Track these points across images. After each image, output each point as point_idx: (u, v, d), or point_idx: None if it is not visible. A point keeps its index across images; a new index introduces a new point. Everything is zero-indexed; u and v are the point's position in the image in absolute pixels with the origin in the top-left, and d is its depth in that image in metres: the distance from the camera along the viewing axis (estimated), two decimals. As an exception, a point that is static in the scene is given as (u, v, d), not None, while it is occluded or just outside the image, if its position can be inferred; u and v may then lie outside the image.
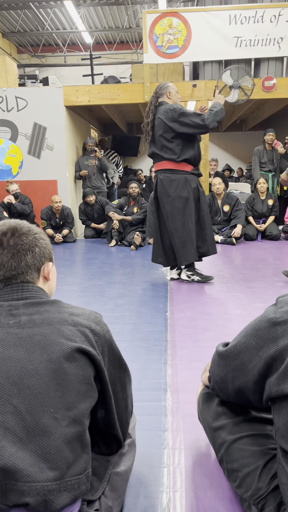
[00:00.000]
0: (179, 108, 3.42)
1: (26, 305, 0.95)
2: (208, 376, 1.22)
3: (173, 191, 3.53)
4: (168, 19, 5.97)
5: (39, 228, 1.07)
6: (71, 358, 0.90)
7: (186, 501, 1.24)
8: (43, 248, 1.03)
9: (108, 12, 10.31)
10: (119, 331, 2.61)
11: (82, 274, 4.28)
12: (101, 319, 1.03)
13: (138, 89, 6.41)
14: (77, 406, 0.89)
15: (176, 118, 3.40)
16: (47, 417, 0.84)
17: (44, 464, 0.81)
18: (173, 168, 3.54)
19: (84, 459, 0.89)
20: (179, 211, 3.55)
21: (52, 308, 0.97)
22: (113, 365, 1.03)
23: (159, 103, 3.56)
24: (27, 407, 0.84)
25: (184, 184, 3.53)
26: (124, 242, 6.00)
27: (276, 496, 0.97)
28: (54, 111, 6.53)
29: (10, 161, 6.74)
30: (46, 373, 0.87)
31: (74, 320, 0.96)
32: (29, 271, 1.00)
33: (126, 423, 1.12)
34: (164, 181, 3.57)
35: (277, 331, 0.92)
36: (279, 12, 5.83)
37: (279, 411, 0.92)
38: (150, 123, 3.57)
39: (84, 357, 0.93)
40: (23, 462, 0.79)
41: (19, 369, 0.86)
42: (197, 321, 2.78)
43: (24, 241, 1.00)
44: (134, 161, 11.03)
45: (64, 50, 11.88)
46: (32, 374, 0.86)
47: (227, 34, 5.94)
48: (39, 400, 0.85)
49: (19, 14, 10.16)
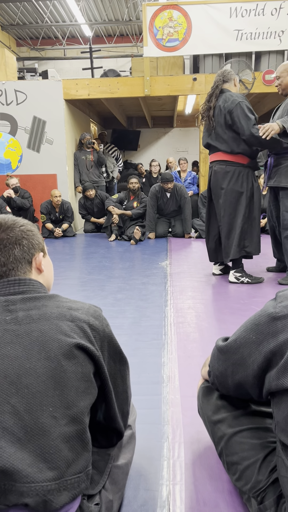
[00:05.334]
0: (238, 100, 3.25)
1: (23, 300, 0.93)
2: (208, 371, 1.22)
3: (226, 183, 3.40)
4: (168, 12, 5.93)
5: (25, 220, 1.04)
6: (70, 355, 0.89)
7: (185, 493, 1.25)
8: (31, 239, 1.01)
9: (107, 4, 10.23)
10: (118, 325, 2.62)
11: (82, 269, 4.28)
12: (100, 313, 1.02)
13: (138, 82, 6.37)
14: (77, 405, 0.88)
15: (231, 109, 3.24)
16: (46, 416, 0.83)
17: (43, 464, 0.81)
18: (228, 159, 3.39)
19: (85, 457, 0.89)
20: (231, 205, 3.42)
21: (50, 303, 0.95)
22: (114, 359, 1.02)
23: (222, 89, 3.39)
24: (26, 406, 0.83)
25: (239, 177, 3.39)
26: (124, 237, 6.00)
27: (276, 489, 0.98)
28: (54, 104, 6.49)
29: (9, 155, 6.71)
30: (44, 371, 0.86)
31: (73, 315, 0.94)
32: (19, 265, 0.98)
33: (127, 413, 1.12)
34: (218, 173, 3.44)
35: (277, 326, 0.93)
36: (280, 5, 5.78)
37: (279, 405, 0.92)
38: (213, 109, 3.38)
39: (83, 353, 0.92)
40: (22, 462, 0.78)
41: (17, 367, 0.85)
42: (197, 315, 2.78)
43: (10, 235, 0.97)
44: (134, 155, 10.99)
45: (63, 43, 11.79)
46: (30, 372, 0.85)
47: (227, 27, 5.90)
48: (37, 399, 0.84)
49: (18, 7, 10.07)
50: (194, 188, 7.21)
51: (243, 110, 3.23)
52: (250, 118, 3.23)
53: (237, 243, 3.45)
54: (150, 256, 4.82)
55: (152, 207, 5.96)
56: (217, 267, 3.81)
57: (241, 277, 3.54)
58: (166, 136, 11.09)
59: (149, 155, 10.73)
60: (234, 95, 3.32)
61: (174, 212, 6.12)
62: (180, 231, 6.06)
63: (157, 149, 11.04)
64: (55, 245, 5.73)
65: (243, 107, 3.24)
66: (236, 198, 3.42)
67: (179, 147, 11.00)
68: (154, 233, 6.07)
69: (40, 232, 1.08)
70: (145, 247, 5.40)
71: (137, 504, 1.20)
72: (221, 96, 3.37)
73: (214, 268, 3.82)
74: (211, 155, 3.55)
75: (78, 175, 6.98)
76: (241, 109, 3.23)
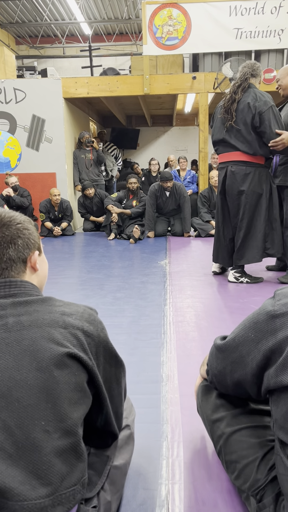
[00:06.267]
0: (270, 104, 3.09)
1: (13, 304, 0.89)
2: (206, 370, 1.22)
3: (247, 185, 3.26)
4: (168, 10, 5.92)
5: (23, 216, 1.01)
6: (62, 364, 0.85)
7: (184, 493, 1.25)
8: (26, 238, 0.97)
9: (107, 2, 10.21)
10: (118, 324, 2.62)
11: (81, 267, 4.27)
12: (95, 316, 0.98)
13: (138, 81, 6.36)
14: (70, 417, 0.84)
15: (262, 111, 3.07)
16: (37, 431, 0.80)
17: (35, 480, 0.77)
18: (249, 160, 3.25)
19: (80, 469, 0.86)
20: (251, 207, 3.30)
21: (42, 308, 0.91)
22: (109, 363, 1.00)
23: (249, 84, 3.21)
24: (16, 421, 0.79)
25: (259, 178, 3.28)
26: (123, 235, 5.99)
27: (274, 487, 0.98)
28: (53, 103, 6.48)
29: (8, 153, 6.70)
30: (35, 383, 0.82)
31: (66, 321, 0.90)
32: (13, 265, 0.94)
33: (121, 415, 1.10)
34: (237, 174, 3.29)
35: (276, 324, 0.93)
36: (279, 4, 5.77)
37: (277, 402, 0.92)
38: (237, 102, 3.17)
39: (76, 362, 0.88)
40: (14, 480, 0.75)
41: (7, 379, 0.81)
42: (197, 314, 2.78)
43: (5, 233, 0.94)
44: (133, 154, 10.99)
45: (62, 42, 11.77)
46: (21, 385, 0.81)
47: (227, 25, 5.89)
48: (29, 413, 0.80)
49: (18, 5, 10.05)
50: (194, 187, 7.21)
51: (275, 115, 3.10)
52: (280, 126, 3.12)
53: (260, 248, 3.34)
54: (149, 255, 4.82)
55: (151, 206, 5.96)
56: (217, 265, 3.80)
57: (240, 277, 3.52)
58: (165, 135, 11.08)
59: (148, 154, 10.72)
60: (265, 95, 3.15)
61: (173, 211, 6.12)
62: (179, 230, 6.06)
63: (156, 148, 11.03)
64: (54, 244, 5.73)
65: (275, 112, 3.11)
66: (256, 201, 3.31)
67: (179, 145, 11.00)
68: (153, 232, 6.07)
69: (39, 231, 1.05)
70: (144, 246, 5.40)
71: (136, 503, 1.20)
72: (248, 91, 3.19)
73: (214, 266, 3.81)
74: (226, 154, 3.37)
75: (77, 174, 6.97)
76: (273, 114, 3.09)
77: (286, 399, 0.89)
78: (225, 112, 3.26)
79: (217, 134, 3.38)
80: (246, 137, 3.20)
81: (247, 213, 3.33)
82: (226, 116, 3.26)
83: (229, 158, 3.34)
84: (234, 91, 3.22)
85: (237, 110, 3.19)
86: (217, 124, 3.39)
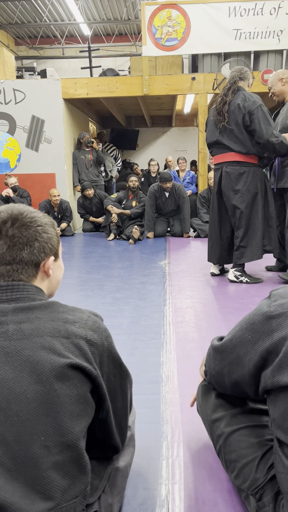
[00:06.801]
0: (259, 103, 3.21)
1: (15, 310, 0.86)
2: (204, 370, 1.23)
3: (242, 185, 3.34)
4: (167, 11, 5.92)
5: (46, 218, 0.97)
6: (63, 376, 0.82)
7: (184, 492, 1.25)
8: (44, 242, 0.94)
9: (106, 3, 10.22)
10: (117, 325, 2.62)
11: (81, 268, 4.28)
12: (100, 324, 0.94)
13: (137, 82, 6.37)
14: (71, 431, 0.81)
15: (252, 110, 3.19)
16: (37, 446, 0.77)
17: (35, 495, 0.75)
18: (242, 160, 3.34)
19: (82, 481, 0.83)
20: (248, 206, 3.36)
21: (44, 315, 0.87)
22: (113, 373, 0.97)
23: (238, 86, 3.33)
24: (15, 436, 0.77)
25: (253, 177, 3.35)
26: (122, 236, 6.00)
27: (273, 486, 0.98)
28: (52, 103, 6.49)
29: (8, 154, 6.70)
30: (35, 396, 0.79)
31: (68, 330, 0.87)
32: (24, 267, 0.91)
33: (125, 427, 1.07)
34: (232, 174, 3.37)
35: (272, 325, 0.93)
36: (279, 5, 5.78)
37: (275, 402, 0.93)
38: (227, 104, 3.28)
39: (79, 373, 0.85)
40: (13, 495, 0.73)
41: (6, 392, 0.79)
42: (196, 314, 2.79)
43: (23, 233, 0.91)
44: (133, 155, 10.99)
45: (62, 42, 11.78)
46: (20, 398, 0.79)
47: (226, 26, 5.90)
48: (28, 428, 0.78)
49: (17, 5, 10.05)
50: (193, 188, 7.21)
51: (264, 113, 3.20)
52: (270, 123, 3.20)
53: (259, 245, 3.40)
54: (149, 255, 4.82)
55: (150, 207, 5.97)
56: (216, 267, 3.81)
57: (240, 276, 3.53)
58: (164, 136, 11.09)
59: (147, 155, 10.73)
60: (254, 96, 3.26)
61: (172, 212, 6.13)
62: (178, 231, 6.06)
63: (155, 149, 11.04)
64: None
65: (264, 110, 3.21)
66: (252, 199, 3.37)
67: (178, 146, 11.00)
68: (152, 233, 6.07)
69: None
70: (143, 247, 5.40)
71: (136, 503, 1.21)
72: (238, 93, 3.30)
73: (213, 268, 3.82)
74: (220, 156, 3.44)
75: (77, 174, 6.98)
76: (262, 112, 3.19)
77: (283, 399, 0.90)
78: (217, 114, 3.36)
79: (211, 136, 3.47)
80: (238, 137, 3.29)
81: (244, 212, 3.38)
82: (218, 118, 3.36)
83: (224, 159, 3.42)
84: (225, 93, 3.35)
85: (229, 111, 3.29)
86: (210, 126, 3.48)
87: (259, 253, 3.42)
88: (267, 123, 3.20)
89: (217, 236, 3.64)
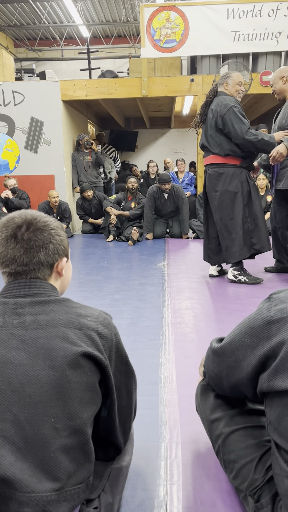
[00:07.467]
0: (230, 105, 3.27)
1: (32, 303, 0.92)
2: (203, 371, 1.23)
3: (221, 185, 3.43)
4: (165, 13, 5.94)
5: (57, 222, 1.04)
6: (75, 364, 0.87)
7: (183, 493, 1.25)
8: (57, 244, 1.00)
9: (105, 5, 10.24)
10: (116, 326, 2.60)
11: (80, 269, 4.28)
12: (110, 321, 1.00)
13: (136, 83, 6.38)
14: (80, 416, 0.86)
15: (223, 114, 3.27)
16: (47, 428, 0.82)
17: (43, 475, 0.80)
18: (221, 162, 3.43)
19: (86, 468, 0.88)
20: (228, 206, 3.43)
21: (59, 308, 0.93)
22: (120, 370, 1.00)
23: (218, 92, 3.43)
24: (27, 416, 0.81)
25: (232, 178, 3.41)
26: (121, 237, 6.00)
27: (271, 487, 0.99)
28: (51, 105, 6.50)
29: (7, 155, 6.71)
30: (48, 380, 0.84)
31: (81, 322, 0.92)
32: (41, 267, 0.97)
33: (128, 429, 1.10)
34: (212, 175, 3.48)
35: (271, 330, 0.93)
36: (277, 6, 5.80)
37: (271, 405, 0.93)
38: (203, 115, 3.49)
39: (90, 362, 0.90)
40: (22, 472, 0.78)
41: (21, 375, 0.84)
42: (195, 316, 2.79)
43: (38, 237, 0.96)
44: (132, 156, 11.00)
45: (61, 44, 11.80)
46: (34, 381, 0.84)
47: (225, 28, 5.91)
48: (39, 410, 0.82)
49: (16, 8, 10.07)
50: (192, 189, 7.22)
51: (235, 114, 3.26)
52: (244, 122, 3.27)
53: (242, 243, 3.43)
54: (148, 256, 4.82)
55: (149, 208, 5.97)
56: (214, 268, 3.81)
57: (239, 275, 3.54)
58: (163, 137, 11.10)
59: (146, 156, 10.73)
60: (227, 99, 3.32)
61: (171, 213, 6.13)
62: (177, 232, 6.07)
63: (154, 150, 11.05)
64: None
65: (236, 111, 3.27)
66: (231, 199, 3.43)
67: (177, 148, 11.01)
68: (151, 234, 6.08)
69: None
70: (143, 248, 5.41)
71: (135, 504, 1.21)
72: (215, 98, 3.42)
73: (211, 269, 3.82)
74: (206, 158, 3.58)
75: (76, 176, 6.98)
76: (233, 113, 3.26)
77: (279, 402, 0.90)
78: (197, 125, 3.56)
79: (201, 140, 3.60)
80: (216, 140, 3.42)
81: (224, 212, 3.46)
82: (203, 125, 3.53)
83: (207, 161, 3.56)
84: (204, 104, 3.50)
85: (207, 118, 3.45)
86: (202, 131, 3.60)
87: (244, 251, 3.45)
88: (240, 122, 3.26)
89: (205, 237, 3.74)
